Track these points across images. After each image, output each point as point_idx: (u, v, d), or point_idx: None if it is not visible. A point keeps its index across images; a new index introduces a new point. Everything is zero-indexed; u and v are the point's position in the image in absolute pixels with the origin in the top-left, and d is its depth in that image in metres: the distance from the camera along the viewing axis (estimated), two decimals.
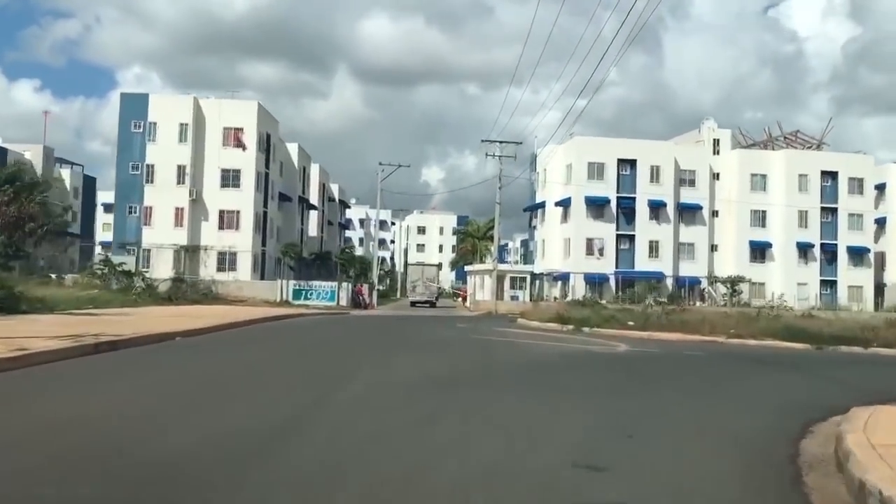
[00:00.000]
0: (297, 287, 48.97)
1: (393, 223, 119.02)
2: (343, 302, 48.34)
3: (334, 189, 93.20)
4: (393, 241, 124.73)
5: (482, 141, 47.57)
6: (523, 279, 54.86)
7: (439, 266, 66.36)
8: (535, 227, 63.30)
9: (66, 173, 79.93)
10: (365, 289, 51.58)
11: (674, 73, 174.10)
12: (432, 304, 57.82)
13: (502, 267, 53.22)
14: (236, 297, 48.62)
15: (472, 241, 77.72)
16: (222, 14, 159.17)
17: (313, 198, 75.74)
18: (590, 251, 56.53)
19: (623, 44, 54.86)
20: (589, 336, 22.70)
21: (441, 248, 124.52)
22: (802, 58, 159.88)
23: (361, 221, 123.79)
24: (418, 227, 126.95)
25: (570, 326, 26.11)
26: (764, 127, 75.42)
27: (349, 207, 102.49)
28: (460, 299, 75.62)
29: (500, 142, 47.87)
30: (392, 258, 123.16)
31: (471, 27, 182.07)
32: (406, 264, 68.63)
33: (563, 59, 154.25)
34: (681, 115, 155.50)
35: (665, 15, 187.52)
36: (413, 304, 57.78)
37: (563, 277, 56.23)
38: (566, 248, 57.54)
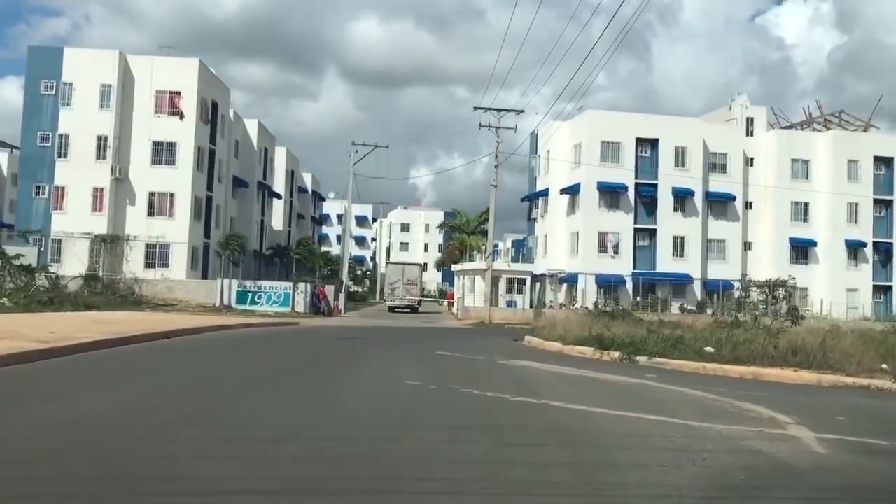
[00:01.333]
0: (242, 288, 39.48)
1: (374, 219, 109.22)
2: (300, 307, 39.01)
3: (307, 179, 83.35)
4: (374, 239, 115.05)
5: (475, 108, 38.09)
6: (522, 281, 45.48)
7: (423, 266, 56.66)
8: (534, 220, 53.62)
9: (2, 157, 69.72)
10: (328, 291, 42.02)
11: (662, 79, 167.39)
12: (414, 310, 48.59)
13: (497, 266, 43.68)
14: (164, 299, 39.12)
15: (459, 238, 67.95)
16: (212, 14, 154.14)
17: (278, 185, 65.92)
18: (602, 248, 47.01)
19: (610, 47, 45.51)
20: (659, 374, 13.29)
21: (427, 247, 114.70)
22: (789, 65, 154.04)
23: (340, 217, 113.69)
24: (402, 225, 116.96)
25: (616, 354, 16.67)
26: (803, 106, 66.23)
27: (324, 200, 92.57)
28: (446, 303, 66.99)
29: (498, 109, 38.41)
30: (374, 257, 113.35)
31: (461, 30, 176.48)
32: (387, 263, 58.86)
33: (551, 62, 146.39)
34: None
35: (653, 21, 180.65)
36: (392, 309, 48.69)
37: (570, 279, 46.65)
38: (573, 244, 48.01)
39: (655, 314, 35.00)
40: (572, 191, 47.64)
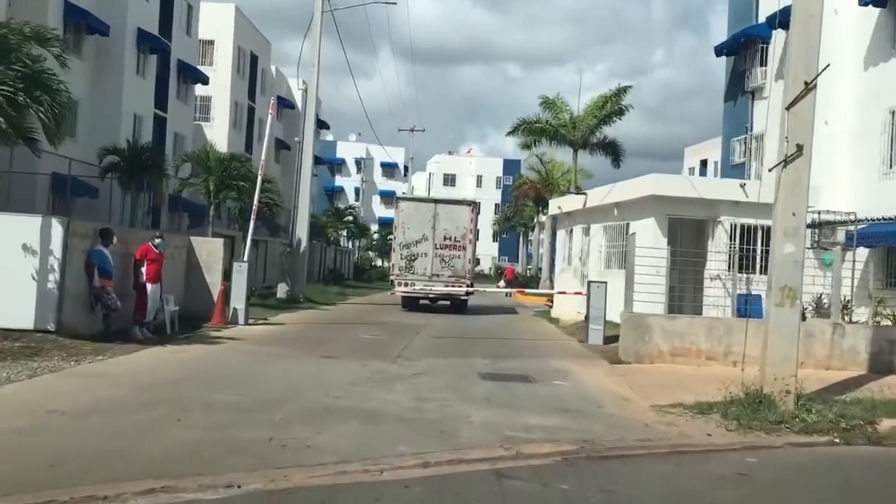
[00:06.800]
0: None
1: (406, 169, 78.69)
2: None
3: (293, 87, 53.65)
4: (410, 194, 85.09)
5: None
6: (760, 234, 15.14)
7: (476, 207, 24.66)
8: (752, 94, 22.44)
9: None
10: (207, 255, 12.83)
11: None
12: (457, 306, 19.85)
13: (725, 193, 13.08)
14: None
15: (547, 168, 37.43)
16: None
17: (216, 71, 36.95)
18: None
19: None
20: None
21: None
22: None
23: (360, 163, 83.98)
24: (444, 176, 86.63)
25: None
26: None
27: (328, 128, 62.75)
28: (503, 285, 40.47)
29: None
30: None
31: (517, 6, 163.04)
32: (397, 199, 26.89)
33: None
34: None
35: None
36: (408, 302, 20.01)
37: (873, 235, 16.06)
38: (890, 141, 17.60)
39: None
40: None
